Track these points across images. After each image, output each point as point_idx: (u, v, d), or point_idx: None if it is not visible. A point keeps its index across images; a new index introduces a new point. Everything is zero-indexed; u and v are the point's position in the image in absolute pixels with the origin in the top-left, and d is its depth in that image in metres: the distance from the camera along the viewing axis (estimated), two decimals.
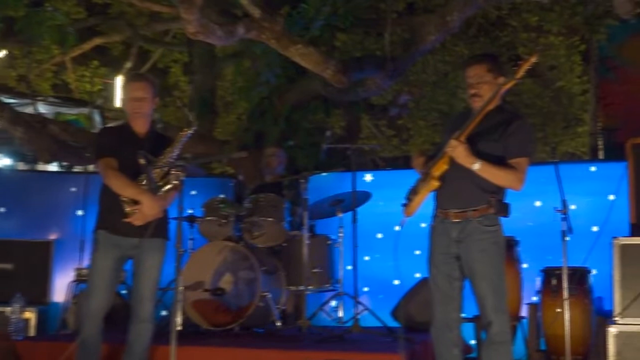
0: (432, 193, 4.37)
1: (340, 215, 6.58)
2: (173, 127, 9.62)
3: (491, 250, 4.20)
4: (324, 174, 7.51)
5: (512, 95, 12.44)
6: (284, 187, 6.99)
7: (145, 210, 4.63)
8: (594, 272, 6.04)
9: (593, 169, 7.22)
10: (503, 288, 4.24)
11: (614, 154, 8.30)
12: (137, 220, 4.65)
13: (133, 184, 4.66)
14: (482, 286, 4.18)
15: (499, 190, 4.27)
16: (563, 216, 5.29)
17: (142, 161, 4.61)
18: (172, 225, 4.86)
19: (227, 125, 13.34)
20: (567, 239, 5.31)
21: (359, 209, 6.44)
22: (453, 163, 4.20)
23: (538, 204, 7.12)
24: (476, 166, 4.12)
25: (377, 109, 11.05)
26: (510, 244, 6.21)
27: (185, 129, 4.83)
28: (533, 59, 4.06)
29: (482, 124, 4.19)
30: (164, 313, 6.96)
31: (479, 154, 4.15)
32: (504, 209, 4.27)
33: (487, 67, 4.30)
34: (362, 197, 6.64)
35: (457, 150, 4.13)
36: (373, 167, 12.00)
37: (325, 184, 7.59)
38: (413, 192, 4.41)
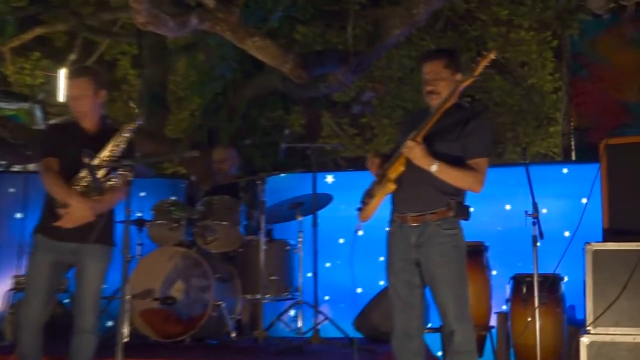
0: (388, 196, 4.39)
1: (300, 218, 6.57)
2: (121, 124, 9.53)
3: (452, 254, 4.24)
4: (283, 174, 7.50)
5: (481, 93, 12.57)
6: (240, 188, 6.96)
7: (74, 212, 4.60)
8: (565, 279, 6.10)
9: (565, 170, 7.31)
10: (465, 294, 4.27)
11: (587, 154, 8.40)
12: (66, 223, 4.62)
13: (63, 185, 4.63)
14: (443, 293, 4.21)
15: (459, 192, 4.28)
16: (534, 220, 5.33)
17: (86, 160, 4.58)
18: (119, 230, 4.80)
19: (179, 122, 13.26)
20: (538, 244, 5.36)
21: (320, 212, 6.43)
22: (410, 164, 4.22)
23: (508, 207, 7.18)
24: (434, 168, 4.14)
25: (339, 106, 11.07)
26: (479, 250, 6.26)
27: (129, 123, 4.78)
28: (491, 56, 4.11)
29: (439, 123, 4.22)
30: (109, 324, 6.89)
31: (436, 155, 4.18)
32: (464, 212, 4.30)
33: (444, 63, 4.32)
34: (323, 200, 6.64)
35: (414, 152, 4.14)
36: (334, 167, 12.03)
37: (283, 185, 7.57)
38: (368, 195, 4.42)
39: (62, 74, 11.45)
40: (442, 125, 4.23)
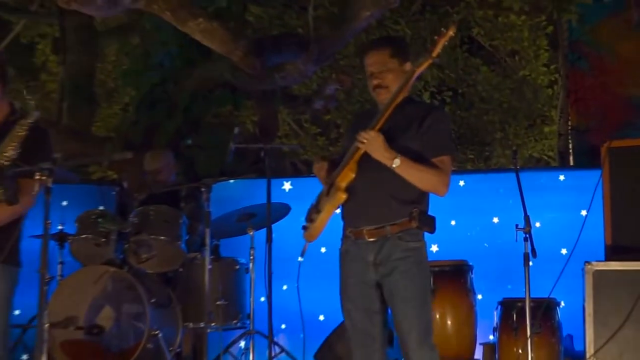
0: (338, 209, 4.37)
1: (252, 233, 6.55)
2: (40, 120, 9.45)
3: (414, 271, 4.24)
4: (231, 181, 7.48)
5: (465, 87, 12.66)
6: (181, 197, 6.93)
7: None
8: (562, 304, 6.15)
9: (562, 177, 7.37)
10: (429, 319, 4.29)
11: (587, 159, 8.49)
12: None
13: None
14: (405, 316, 4.20)
15: (421, 200, 4.30)
16: (526, 236, 5.36)
17: None
18: (35, 245, 4.75)
19: (109, 118, 13.19)
20: (531, 263, 5.39)
21: (275, 226, 6.42)
22: (362, 170, 4.23)
23: (495, 220, 7.23)
24: (396, 162, 4.12)
25: (299, 101, 11.09)
26: (462, 270, 6.29)
27: (24, 119, 4.68)
28: (450, 33, 4.17)
29: (391, 120, 4.23)
30: (24, 357, 6.83)
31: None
32: (429, 222, 4.28)
33: (390, 52, 4.36)
34: (279, 211, 6.63)
35: (374, 143, 4.13)
36: (293, 173, 12.03)
37: (232, 193, 7.56)
38: (315, 209, 4.42)
39: None
40: (395, 122, 4.25)
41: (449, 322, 6.11)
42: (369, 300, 4.29)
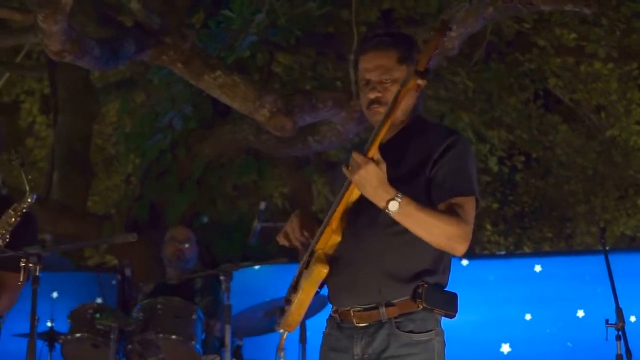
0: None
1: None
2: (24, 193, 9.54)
3: None
4: (257, 267, 7.49)
5: (541, 150, 12.63)
6: (196, 289, 6.96)
7: None
8: None
9: None
10: None
11: None
12: None
13: None
14: None
15: (435, 269, 3.71)
16: (618, 333, 5.32)
17: None
18: (19, 346, 4.78)
19: (109, 192, 13.28)
20: None
21: (311, 322, 6.41)
22: (349, 227, 3.71)
23: (581, 314, 7.17)
24: (394, 205, 3.46)
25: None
26: None
27: (22, 200, 4.76)
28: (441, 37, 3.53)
29: (390, 149, 3.70)
30: None
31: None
32: (445, 302, 3.71)
33: (398, 56, 3.78)
34: (315, 303, 6.61)
35: (366, 174, 3.44)
36: None
37: (258, 282, 7.56)
38: (293, 289, 3.97)
39: None
40: (394, 154, 3.69)
41: None
42: None
